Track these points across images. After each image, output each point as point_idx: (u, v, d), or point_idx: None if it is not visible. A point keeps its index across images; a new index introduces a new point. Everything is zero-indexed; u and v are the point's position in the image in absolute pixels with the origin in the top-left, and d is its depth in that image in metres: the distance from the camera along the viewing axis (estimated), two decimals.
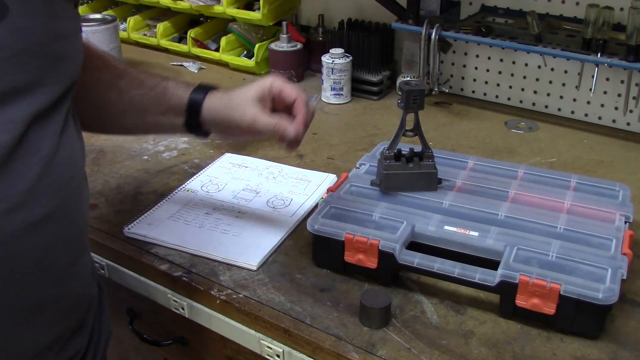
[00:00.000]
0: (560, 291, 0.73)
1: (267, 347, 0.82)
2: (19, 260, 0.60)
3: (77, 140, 0.69)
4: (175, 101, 0.84)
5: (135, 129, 0.91)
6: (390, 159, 0.93)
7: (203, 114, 0.83)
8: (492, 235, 0.82)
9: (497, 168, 1.00)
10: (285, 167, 1.13)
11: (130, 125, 0.88)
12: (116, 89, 0.84)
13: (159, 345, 0.99)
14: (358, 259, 0.83)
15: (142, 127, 0.89)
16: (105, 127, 0.90)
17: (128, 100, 0.84)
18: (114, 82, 0.84)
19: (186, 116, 0.84)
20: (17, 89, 0.57)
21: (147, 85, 0.85)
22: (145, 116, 0.85)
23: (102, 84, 0.84)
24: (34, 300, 0.64)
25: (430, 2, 1.36)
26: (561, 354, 0.74)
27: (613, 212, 0.88)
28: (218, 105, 0.83)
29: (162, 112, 0.85)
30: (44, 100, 0.60)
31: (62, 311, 0.69)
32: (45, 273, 0.64)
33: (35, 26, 0.58)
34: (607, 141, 1.27)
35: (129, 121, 0.87)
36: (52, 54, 0.60)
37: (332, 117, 1.38)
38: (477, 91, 1.48)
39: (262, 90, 0.82)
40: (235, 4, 1.59)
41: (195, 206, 1.01)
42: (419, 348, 0.74)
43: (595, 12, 1.15)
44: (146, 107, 0.85)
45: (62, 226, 0.64)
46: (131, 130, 0.92)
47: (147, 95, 0.84)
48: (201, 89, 0.84)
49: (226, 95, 0.84)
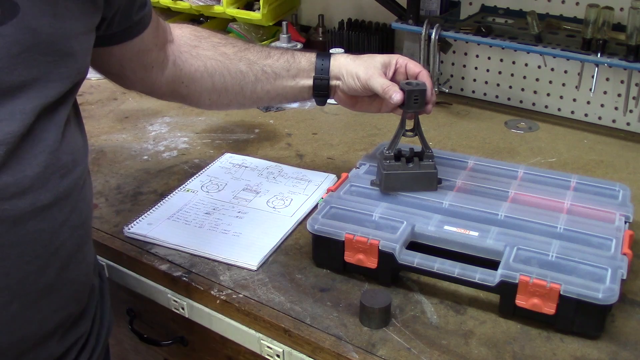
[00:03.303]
0: (560, 291, 0.73)
1: (267, 347, 0.82)
2: (26, 244, 0.63)
3: (80, 134, 0.72)
4: (305, 64, 0.94)
5: (266, 97, 0.97)
6: (390, 159, 0.93)
7: (331, 70, 0.93)
8: (492, 235, 0.82)
9: (497, 168, 1.00)
10: (285, 167, 1.13)
11: (262, 93, 0.96)
12: (245, 60, 0.93)
13: (159, 345, 0.99)
14: (358, 259, 0.83)
15: (272, 94, 0.96)
16: (238, 99, 0.97)
17: (260, 69, 0.93)
18: (240, 55, 0.93)
19: (316, 74, 0.93)
20: (26, 83, 0.60)
21: (275, 54, 0.94)
22: (276, 82, 0.94)
23: (230, 57, 0.93)
24: (41, 284, 0.66)
25: (430, 2, 1.36)
26: (561, 354, 0.74)
27: (613, 212, 0.88)
28: (344, 62, 0.93)
29: (293, 75, 0.94)
30: (51, 94, 0.63)
31: (67, 297, 0.71)
32: (52, 257, 0.66)
33: (44, 24, 0.61)
34: (607, 141, 1.27)
35: (259, 89, 0.95)
36: (60, 51, 0.63)
37: (332, 117, 1.38)
38: (477, 91, 1.48)
39: (389, 60, 0.92)
40: (235, 4, 1.59)
41: (195, 206, 1.01)
42: (419, 348, 0.74)
43: (595, 12, 1.15)
44: (277, 74, 0.94)
45: (67, 212, 0.68)
46: (262, 98, 0.97)
47: (278, 62, 0.94)
48: (325, 53, 0.95)
49: (352, 55, 0.94)
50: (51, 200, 0.65)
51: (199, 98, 0.96)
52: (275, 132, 1.30)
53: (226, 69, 0.93)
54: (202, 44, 0.93)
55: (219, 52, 0.93)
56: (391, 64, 0.92)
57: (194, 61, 0.92)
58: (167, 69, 0.91)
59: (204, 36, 0.94)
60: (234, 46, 0.94)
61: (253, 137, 1.28)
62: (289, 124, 1.34)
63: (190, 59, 0.92)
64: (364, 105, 0.97)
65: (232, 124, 1.34)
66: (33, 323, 0.67)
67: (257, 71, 0.93)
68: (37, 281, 0.66)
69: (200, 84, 0.93)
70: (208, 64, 0.92)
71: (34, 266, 0.65)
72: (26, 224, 0.63)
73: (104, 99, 1.47)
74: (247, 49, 0.94)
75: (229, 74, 0.93)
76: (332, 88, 0.95)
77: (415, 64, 0.92)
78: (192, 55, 0.92)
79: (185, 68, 0.92)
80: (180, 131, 1.30)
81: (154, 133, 1.29)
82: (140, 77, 0.90)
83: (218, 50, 0.93)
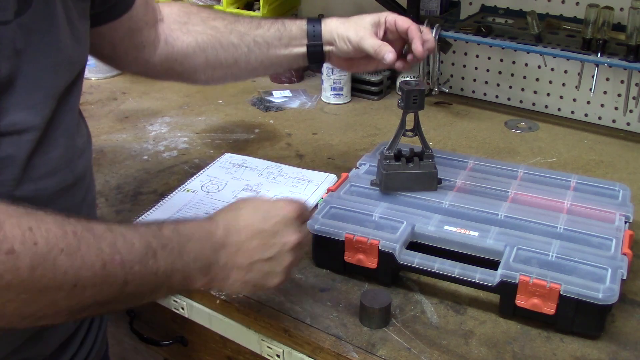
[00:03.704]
0: (560, 291, 0.73)
1: (267, 347, 0.82)
2: None
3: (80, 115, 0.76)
4: (296, 31, 0.93)
5: (260, 67, 0.97)
6: (390, 159, 0.93)
7: (323, 35, 0.92)
8: (492, 235, 0.82)
9: (497, 168, 1.00)
10: (285, 167, 1.13)
11: (256, 64, 0.95)
12: (236, 33, 0.93)
13: (159, 345, 0.99)
14: (358, 259, 0.83)
15: (266, 64, 0.96)
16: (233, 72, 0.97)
17: (251, 40, 0.93)
18: (231, 27, 0.93)
19: (308, 41, 0.93)
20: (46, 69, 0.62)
21: (265, 24, 0.94)
22: (269, 52, 0.94)
23: (221, 31, 0.93)
24: None
25: (430, 2, 1.36)
26: (561, 354, 0.74)
27: (613, 212, 0.88)
28: (335, 25, 0.92)
29: (285, 44, 0.93)
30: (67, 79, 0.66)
31: None
32: None
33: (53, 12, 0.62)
34: (607, 141, 1.27)
35: (253, 60, 0.94)
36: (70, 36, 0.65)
37: (332, 117, 1.38)
38: (477, 91, 1.48)
39: (378, 19, 0.91)
40: (235, 4, 1.59)
41: (195, 206, 1.01)
42: (419, 348, 0.74)
43: (595, 12, 1.15)
44: (269, 43, 0.93)
45: (84, 191, 0.72)
46: (257, 69, 0.97)
47: (269, 32, 0.93)
48: (315, 18, 0.95)
49: (342, 18, 0.93)
50: (73, 180, 0.69)
51: (194, 75, 0.96)
52: (275, 132, 1.30)
53: (218, 42, 0.93)
54: (191, 19, 0.93)
55: (209, 26, 0.93)
56: (380, 22, 0.91)
57: (185, 37, 0.92)
58: (159, 47, 0.91)
59: (192, 12, 0.95)
60: (224, 19, 0.94)
61: (253, 137, 1.28)
62: (289, 124, 1.34)
63: (182, 35, 0.92)
64: (360, 65, 0.97)
65: (232, 124, 1.34)
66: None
67: (248, 42, 0.93)
68: None
69: (193, 60, 0.93)
70: (199, 39, 0.92)
71: None
72: (55, 202, 0.66)
73: (104, 99, 1.47)
74: (237, 20, 0.94)
75: (222, 48, 0.93)
76: (326, 53, 0.94)
77: (403, 19, 0.91)
78: (182, 32, 0.92)
79: (177, 45, 0.92)
80: (180, 131, 1.30)
81: (154, 133, 1.29)
82: (133, 58, 0.91)
83: (208, 24, 0.93)
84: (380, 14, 0.92)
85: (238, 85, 1.54)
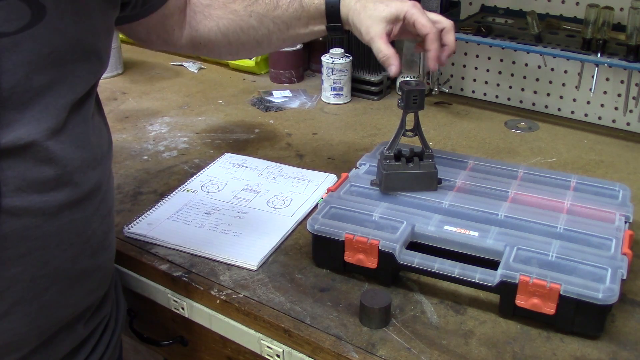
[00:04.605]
0: (560, 291, 0.73)
1: (267, 347, 0.82)
2: (63, 233, 0.67)
3: (104, 126, 0.77)
4: (314, 11, 0.92)
5: (283, 44, 0.99)
6: (390, 159, 0.93)
7: (341, 16, 0.91)
8: (492, 235, 0.82)
9: (497, 168, 1.00)
10: (285, 167, 1.13)
11: (279, 42, 0.97)
12: (255, 15, 0.93)
13: (159, 345, 0.99)
14: (358, 259, 0.83)
15: (288, 42, 0.98)
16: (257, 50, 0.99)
17: (270, 21, 0.93)
18: (250, 10, 0.93)
19: (327, 21, 0.92)
20: (56, 80, 0.63)
21: (283, 4, 0.93)
22: (289, 32, 0.94)
23: (240, 14, 0.93)
24: (76, 270, 0.71)
25: (430, 2, 1.36)
26: (561, 354, 0.74)
27: (613, 212, 0.88)
28: (352, 10, 0.89)
29: (304, 24, 0.93)
30: (79, 90, 0.66)
31: (96, 282, 0.76)
32: (84, 245, 0.71)
33: (69, 24, 0.63)
34: (607, 141, 1.27)
35: (275, 39, 0.95)
36: (84, 49, 0.66)
37: (332, 117, 1.38)
38: (477, 91, 1.48)
39: (397, 14, 0.86)
40: None
41: (195, 206, 1.01)
42: (419, 348, 0.74)
43: (595, 12, 1.15)
44: (288, 24, 0.93)
45: (97, 202, 0.72)
46: (280, 45, 0.99)
47: (287, 12, 0.93)
48: None
49: (360, 3, 0.89)
50: (85, 192, 0.69)
51: (219, 53, 0.99)
52: (275, 132, 1.30)
53: (238, 26, 0.94)
54: (213, 2, 0.94)
55: (229, 10, 0.94)
56: (399, 17, 0.86)
57: (207, 22, 0.94)
58: (185, 29, 0.94)
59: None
60: (243, 1, 0.94)
61: (253, 137, 1.28)
62: (289, 124, 1.34)
63: (204, 19, 0.94)
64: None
65: (232, 124, 1.34)
66: (67, 307, 0.72)
67: (268, 24, 0.93)
68: (72, 268, 0.70)
69: (216, 43, 0.95)
70: (220, 24, 0.94)
71: (70, 254, 0.69)
72: (63, 215, 0.66)
73: (104, 99, 1.47)
74: (256, 1, 0.93)
75: (242, 32, 0.94)
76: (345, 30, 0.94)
77: (424, 24, 0.85)
78: (204, 16, 0.94)
79: (200, 29, 0.94)
80: (180, 131, 1.30)
81: (154, 133, 1.29)
82: (163, 40, 0.94)
83: (228, 8, 0.94)
84: (401, 8, 0.86)
85: (238, 85, 1.54)
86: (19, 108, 0.60)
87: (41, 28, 0.60)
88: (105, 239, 0.76)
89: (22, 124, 0.60)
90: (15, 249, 0.63)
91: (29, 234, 0.64)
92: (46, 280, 0.67)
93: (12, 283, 0.64)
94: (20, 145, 0.60)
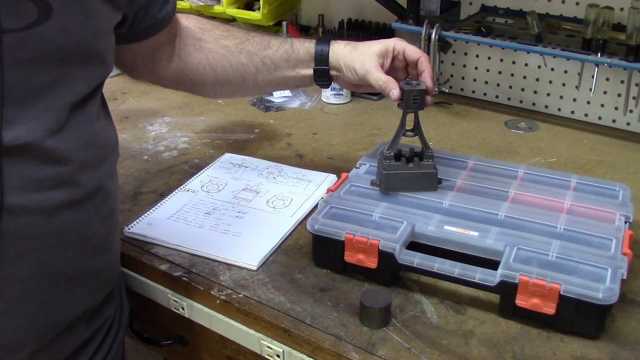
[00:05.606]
0: (560, 291, 0.73)
1: (267, 347, 0.82)
2: (62, 234, 0.67)
3: (110, 127, 0.76)
4: (304, 54, 0.94)
5: (268, 86, 0.99)
6: (390, 159, 0.93)
7: (330, 61, 0.93)
8: (492, 235, 0.82)
9: (497, 168, 1.00)
10: (285, 167, 1.13)
11: (264, 83, 0.97)
12: (245, 53, 0.94)
13: (159, 345, 0.99)
14: (358, 259, 0.83)
15: (273, 84, 0.98)
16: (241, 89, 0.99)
17: (259, 60, 0.94)
18: (241, 47, 0.94)
19: (315, 65, 0.93)
20: (58, 80, 0.63)
21: (274, 45, 0.95)
22: (277, 73, 0.95)
23: (231, 50, 0.94)
24: (76, 271, 0.71)
25: (430, 2, 1.36)
26: (561, 354, 0.74)
27: (613, 212, 0.88)
28: (342, 52, 0.92)
29: (292, 66, 0.95)
30: (81, 91, 0.66)
31: (97, 284, 0.76)
32: (84, 246, 0.71)
33: (75, 24, 0.63)
34: (607, 141, 1.27)
35: (260, 79, 0.96)
36: (88, 50, 0.66)
37: (332, 117, 1.38)
38: (477, 91, 1.48)
39: (386, 48, 0.91)
40: (235, 4, 1.59)
41: (195, 206, 1.01)
42: (419, 348, 0.74)
43: (595, 12, 1.15)
44: (277, 65, 0.94)
45: (98, 203, 0.72)
46: (264, 87, 0.99)
47: (277, 53, 0.94)
48: (324, 40, 0.94)
49: (350, 45, 0.93)
50: (86, 192, 0.69)
51: (203, 89, 0.98)
52: (275, 132, 1.30)
53: (228, 62, 0.94)
54: (205, 36, 0.94)
55: (221, 45, 0.94)
56: (388, 51, 0.92)
57: (198, 54, 0.94)
58: (173, 61, 0.93)
59: (207, 29, 0.96)
60: (235, 38, 0.95)
61: (253, 137, 1.28)
62: (289, 124, 1.34)
63: (194, 52, 0.94)
64: (367, 88, 0.97)
65: (232, 124, 1.34)
66: (67, 309, 0.71)
67: (257, 63, 0.94)
68: (71, 269, 0.70)
69: (203, 76, 0.95)
70: (210, 58, 0.94)
71: (69, 254, 0.69)
72: (63, 215, 0.66)
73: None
74: (248, 40, 0.95)
75: (231, 67, 0.94)
76: (333, 77, 0.95)
77: (413, 49, 0.91)
78: (195, 49, 0.94)
79: (189, 61, 0.94)
80: (180, 131, 1.30)
81: (154, 133, 1.29)
82: (149, 70, 0.93)
83: (220, 43, 0.94)
84: (388, 42, 0.92)
85: None
86: (19, 105, 0.60)
87: (46, 27, 0.60)
88: (108, 241, 0.76)
89: (22, 122, 0.60)
90: (14, 247, 0.63)
91: (28, 232, 0.64)
92: (45, 280, 0.67)
93: (10, 282, 0.65)
94: (20, 144, 0.60)
